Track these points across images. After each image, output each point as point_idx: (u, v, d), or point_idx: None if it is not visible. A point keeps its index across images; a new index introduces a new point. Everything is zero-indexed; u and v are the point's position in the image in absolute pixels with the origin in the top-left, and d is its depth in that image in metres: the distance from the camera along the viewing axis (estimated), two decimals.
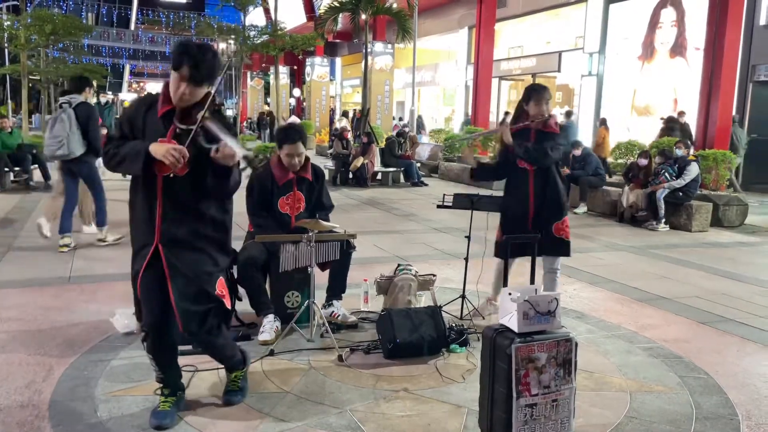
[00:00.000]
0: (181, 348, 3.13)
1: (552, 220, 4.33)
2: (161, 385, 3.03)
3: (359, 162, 13.27)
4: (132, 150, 2.74)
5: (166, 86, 2.80)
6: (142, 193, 2.85)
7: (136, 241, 2.94)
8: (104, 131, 8.43)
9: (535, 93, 4.27)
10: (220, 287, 2.93)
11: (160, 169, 2.74)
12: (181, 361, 3.13)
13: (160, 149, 2.67)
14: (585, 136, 15.32)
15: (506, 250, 3.99)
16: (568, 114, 16.06)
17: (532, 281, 3.76)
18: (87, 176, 6.67)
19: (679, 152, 9.29)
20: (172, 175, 2.72)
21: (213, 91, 2.83)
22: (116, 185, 7.65)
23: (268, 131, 26.49)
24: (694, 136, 12.16)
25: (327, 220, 4.36)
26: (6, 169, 11.15)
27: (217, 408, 3.13)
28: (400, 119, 17.07)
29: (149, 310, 2.86)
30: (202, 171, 2.77)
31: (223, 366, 3.23)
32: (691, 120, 13.45)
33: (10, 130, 11.59)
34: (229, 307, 3.02)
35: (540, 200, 4.32)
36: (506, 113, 19.91)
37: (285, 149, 4.21)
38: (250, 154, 2.79)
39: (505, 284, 3.69)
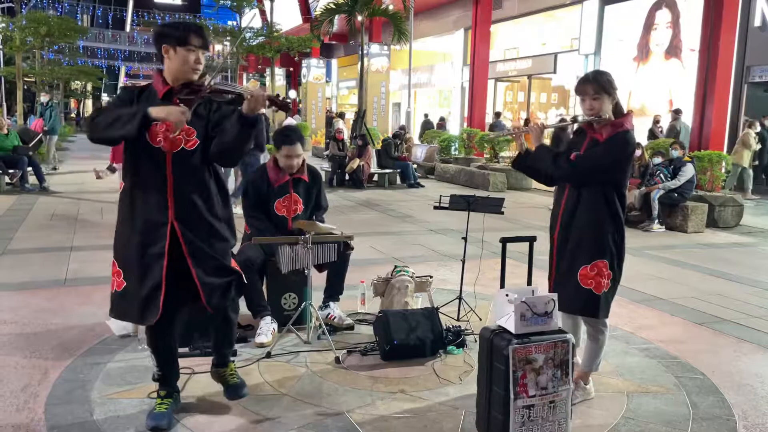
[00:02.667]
0: (180, 350, 3.12)
1: (576, 260, 3.18)
2: (158, 384, 3.03)
3: (355, 164, 13.28)
4: (127, 112, 2.71)
5: (160, 73, 2.86)
6: (149, 173, 2.80)
7: (137, 225, 2.82)
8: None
9: (577, 86, 3.23)
10: (234, 265, 3.00)
11: (167, 145, 2.77)
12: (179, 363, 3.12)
13: (162, 110, 2.67)
14: None
15: (503, 249, 3.99)
16: (677, 113, 13.85)
17: (529, 282, 3.77)
18: None
19: (675, 153, 9.32)
20: (178, 150, 2.73)
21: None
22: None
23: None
24: (689, 137, 12.20)
25: (322, 220, 4.36)
26: (0, 171, 11.11)
27: (214, 410, 3.12)
28: (402, 128, 17.06)
29: (138, 291, 2.83)
30: (209, 142, 2.83)
31: (218, 359, 3.19)
32: (687, 121, 13.50)
33: (6, 131, 11.56)
34: (245, 281, 3.06)
35: (565, 227, 3.24)
36: (497, 113, 19.94)
37: (284, 150, 4.21)
38: (272, 95, 2.87)
39: (502, 286, 3.69)
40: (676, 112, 13.80)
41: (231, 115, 2.81)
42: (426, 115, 23.16)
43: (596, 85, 3.14)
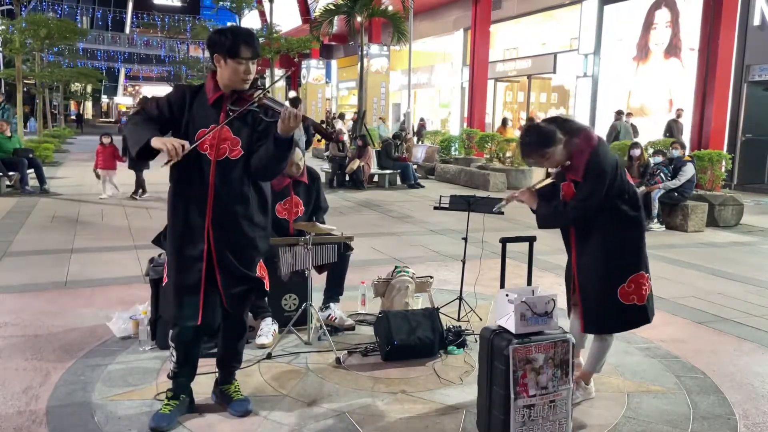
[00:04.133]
0: None
1: (610, 281, 3.09)
2: (171, 382, 3.05)
3: (355, 164, 13.28)
4: (137, 135, 2.79)
5: (213, 76, 2.88)
6: (193, 178, 2.86)
7: (177, 226, 2.92)
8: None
9: (522, 157, 3.30)
10: (260, 270, 3.07)
11: (214, 155, 2.83)
12: None
13: (158, 141, 2.73)
14: None
15: (503, 249, 3.99)
16: (619, 114, 13.75)
17: (530, 282, 3.77)
18: None
19: (676, 153, 9.31)
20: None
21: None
22: None
23: None
24: (689, 137, 12.22)
25: (322, 221, 4.36)
26: (0, 174, 11.11)
27: (215, 411, 3.12)
28: (402, 128, 17.17)
29: (177, 290, 2.91)
30: (252, 154, 2.88)
31: (222, 378, 3.20)
32: (686, 120, 13.51)
33: (9, 133, 11.58)
34: (267, 288, 3.13)
35: (582, 254, 3.18)
36: (504, 119, 19.93)
37: None
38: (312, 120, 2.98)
39: (502, 286, 3.69)
40: (618, 113, 13.83)
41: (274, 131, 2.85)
42: (404, 115, 23.01)
43: (532, 149, 3.09)
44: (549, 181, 3.24)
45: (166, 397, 3.04)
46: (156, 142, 2.74)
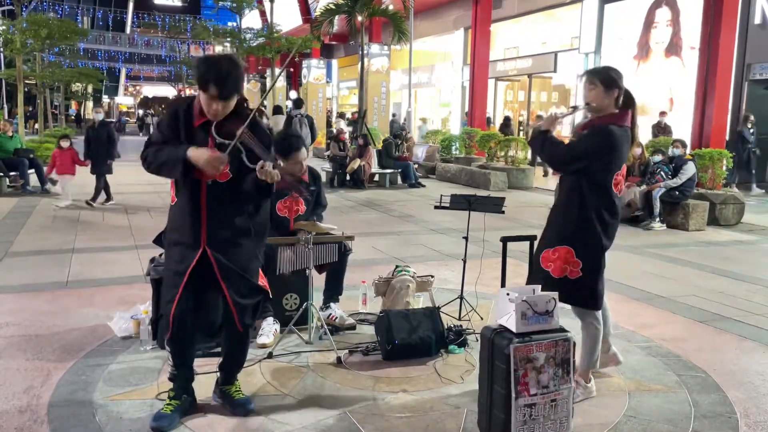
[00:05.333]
0: None
1: (543, 241, 3.35)
2: (171, 383, 3.07)
3: (356, 164, 13.28)
4: (170, 157, 2.79)
5: (199, 99, 2.86)
6: (186, 197, 2.88)
7: (174, 241, 2.95)
8: None
9: (583, 74, 3.37)
10: (260, 277, 3.10)
11: (201, 175, 2.81)
12: None
13: (200, 157, 2.72)
14: None
15: (504, 248, 4.00)
16: (746, 119, 13.08)
17: (530, 282, 3.76)
18: None
19: (677, 151, 9.30)
20: (210, 182, 2.79)
21: (250, 105, 2.97)
22: None
23: None
24: (689, 136, 12.19)
25: (321, 218, 4.36)
26: (1, 174, 11.12)
27: (216, 410, 3.12)
28: (402, 127, 17.26)
29: (180, 302, 2.88)
30: (243, 176, 2.88)
31: (224, 379, 3.21)
32: (687, 119, 13.48)
33: (11, 133, 11.59)
34: (269, 294, 3.19)
35: (552, 211, 3.41)
36: (507, 118, 19.94)
37: (293, 158, 4.16)
38: (292, 180, 3.09)
39: (503, 285, 3.69)
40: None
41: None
42: (394, 115, 22.97)
43: (595, 75, 3.22)
44: (569, 113, 3.59)
45: (168, 396, 3.06)
46: (195, 156, 2.72)
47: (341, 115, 23.06)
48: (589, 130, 3.21)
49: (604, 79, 3.17)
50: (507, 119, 19.67)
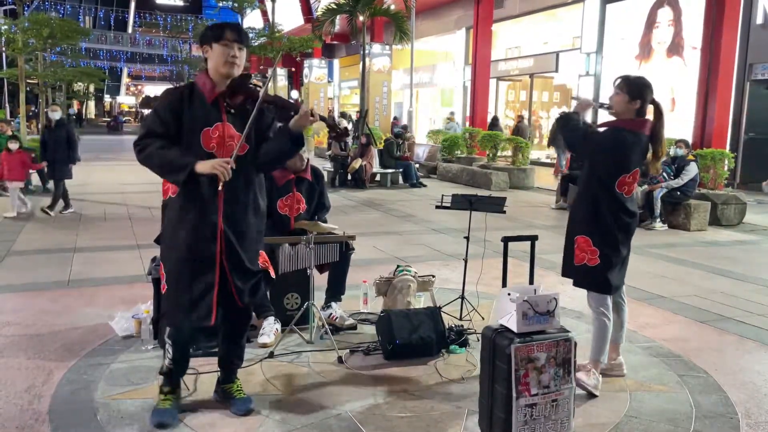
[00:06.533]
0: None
1: (567, 236, 3.53)
2: (164, 378, 3.05)
3: (357, 163, 13.28)
4: (172, 160, 2.77)
5: (206, 74, 2.89)
6: (202, 178, 2.81)
7: (186, 229, 2.85)
8: None
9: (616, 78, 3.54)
10: (262, 259, 3.09)
11: (222, 153, 2.84)
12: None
13: (206, 166, 2.73)
14: None
15: (505, 248, 3.99)
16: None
17: (531, 281, 3.77)
18: None
19: (680, 151, 9.29)
20: (221, 187, 2.76)
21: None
22: None
23: None
24: (691, 136, 12.18)
25: (325, 220, 4.36)
26: None
27: (217, 410, 3.12)
28: (395, 118, 17.19)
29: (186, 292, 2.85)
30: (258, 146, 2.92)
31: (224, 377, 3.21)
32: (689, 119, 13.48)
33: (11, 133, 11.57)
34: (273, 275, 3.18)
35: (571, 210, 3.65)
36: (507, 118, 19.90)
37: None
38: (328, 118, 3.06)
39: (504, 285, 3.69)
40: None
41: (275, 125, 2.90)
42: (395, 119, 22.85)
43: (625, 83, 3.41)
44: (599, 106, 3.73)
45: (162, 392, 3.04)
46: (202, 167, 2.73)
47: (344, 115, 23.05)
48: (605, 130, 3.44)
49: (632, 89, 3.36)
50: (495, 119, 19.68)
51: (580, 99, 3.66)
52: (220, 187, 2.77)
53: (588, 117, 3.65)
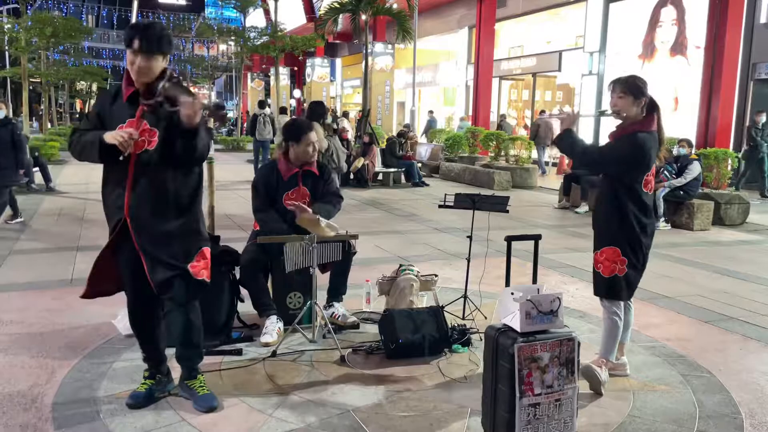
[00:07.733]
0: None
1: (594, 246, 3.55)
2: (145, 363, 3.21)
3: (360, 163, 13.28)
4: (89, 140, 2.90)
5: (127, 71, 2.94)
6: (115, 169, 2.94)
7: (109, 217, 3.05)
8: None
9: (611, 82, 3.55)
10: (199, 259, 3.04)
11: (135, 149, 2.89)
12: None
13: (109, 136, 2.80)
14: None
15: (508, 248, 3.99)
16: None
17: (535, 280, 3.76)
18: None
19: (683, 151, 9.27)
20: (127, 153, 2.82)
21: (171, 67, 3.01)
22: None
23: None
24: (695, 135, 12.14)
25: (330, 203, 4.29)
26: None
27: (219, 408, 3.13)
28: (406, 125, 17.17)
29: (126, 282, 3.07)
30: (172, 144, 2.92)
31: (186, 372, 3.21)
32: (692, 118, 13.45)
33: None
34: (205, 278, 3.07)
35: (594, 218, 3.66)
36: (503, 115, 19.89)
37: (304, 140, 4.19)
38: (210, 104, 2.96)
39: (507, 284, 3.69)
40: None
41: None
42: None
43: (624, 85, 3.40)
44: (595, 115, 3.75)
45: (143, 376, 3.19)
46: (108, 137, 2.80)
47: (345, 114, 23.04)
48: (620, 138, 3.40)
49: (633, 89, 3.39)
50: (503, 117, 19.68)
51: (562, 113, 3.65)
52: (121, 158, 2.82)
53: (575, 127, 3.63)
